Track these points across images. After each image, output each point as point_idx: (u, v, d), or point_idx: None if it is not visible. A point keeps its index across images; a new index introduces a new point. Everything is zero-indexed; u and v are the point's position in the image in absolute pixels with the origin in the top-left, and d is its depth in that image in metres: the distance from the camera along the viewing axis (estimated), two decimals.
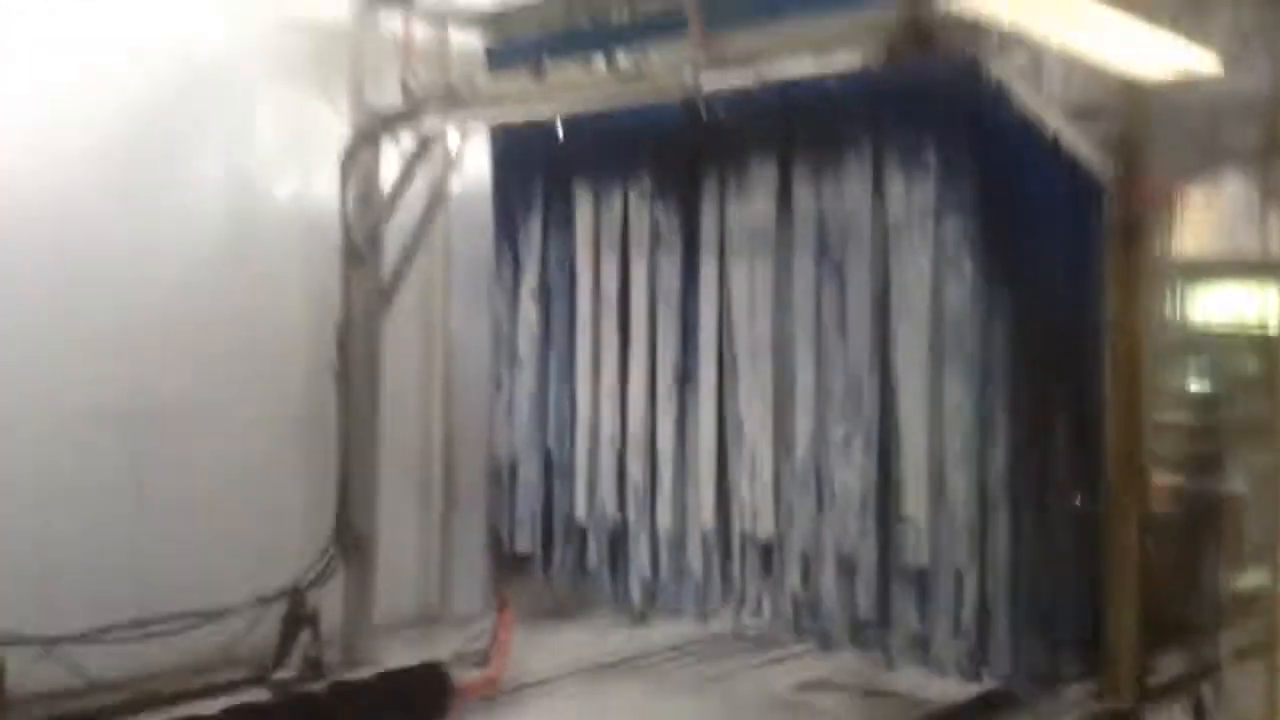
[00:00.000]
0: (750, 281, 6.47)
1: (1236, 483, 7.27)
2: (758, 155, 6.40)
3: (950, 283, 5.78)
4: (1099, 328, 5.53)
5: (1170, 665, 6.22)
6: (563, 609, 8.41)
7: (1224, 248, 8.21)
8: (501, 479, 7.85)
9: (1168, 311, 6.95)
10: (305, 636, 6.64)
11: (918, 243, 5.85)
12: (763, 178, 6.40)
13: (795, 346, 6.36)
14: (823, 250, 6.21)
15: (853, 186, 6.08)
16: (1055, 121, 5.05)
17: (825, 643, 6.56)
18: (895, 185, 5.96)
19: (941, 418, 5.86)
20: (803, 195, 6.27)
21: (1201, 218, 7.54)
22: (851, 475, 6.11)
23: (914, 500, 5.96)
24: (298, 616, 6.64)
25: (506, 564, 8.36)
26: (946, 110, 5.72)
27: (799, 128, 6.30)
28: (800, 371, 6.34)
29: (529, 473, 7.49)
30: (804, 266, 6.28)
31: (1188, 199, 5.95)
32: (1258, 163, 6.88)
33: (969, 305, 5.74)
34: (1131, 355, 4.98)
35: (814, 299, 6.26)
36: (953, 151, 5.73)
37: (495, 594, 7.92)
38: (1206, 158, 6.10)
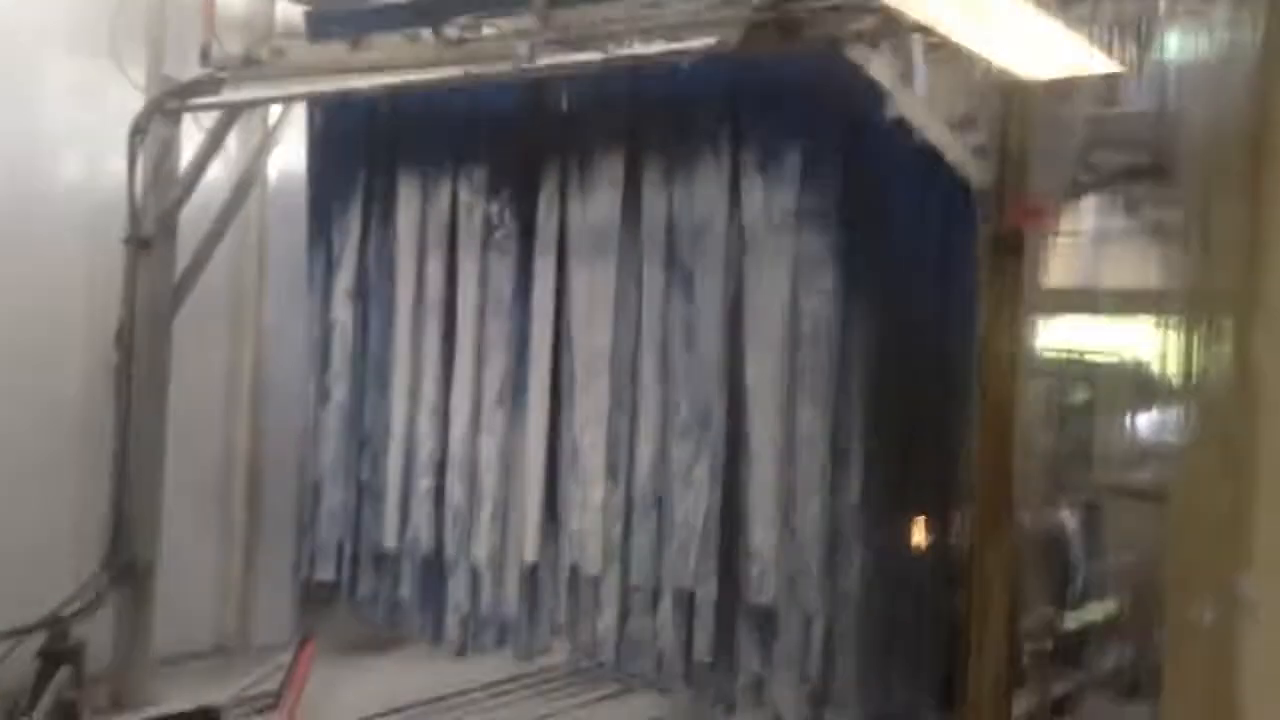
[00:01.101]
0: (590, 289, 5.86)
1: (1068, 515, 7.08)
2: (603, 149, 5.78)
3: (808, 297, 5.30)
4: (967, 350, 5.13)
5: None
6: (376, 642, 7.70)
7: (1079, 274, 8.05)
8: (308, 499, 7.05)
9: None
10: (64, 675, 5.77)
11: (775, 252, 5.33)
12: (608, 175, 5.79)
13: (639, 361, 5.77)
14: (672, 257, 5.64)
15: (707, 188, 5.52)
16: (930, 126, 4.59)
17: (659, 683, 6.00)
18: (753, 188, 5.43)
19: (794, 444, 5.38)
20: (651, 196, 5.69)
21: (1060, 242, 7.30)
22: (694, 504, 5.57)
23: (761, 533, 5.46)
24: (57, 652, 5.78)
25: (317, 593, 7.61)
26: (811, 108, 5.22)
27: (650, 121, 5.71)
28: (643, 390, 5.76)
29: (335, 494, 6.70)
30: (651, 274, 5.71)
31: (1061, 219, 5.59)
32: (1131, 188, 6.64)
33: (827, 322, 5.27)
34: (1002, 382, 4.55)
35: (660, 310, 5.69)
36: (817, 154, 5.24)
37: (300, 626, 7.19)
38: (1082, 177, 5.75)
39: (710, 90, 5.37)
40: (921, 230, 5.38)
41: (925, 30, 4.32)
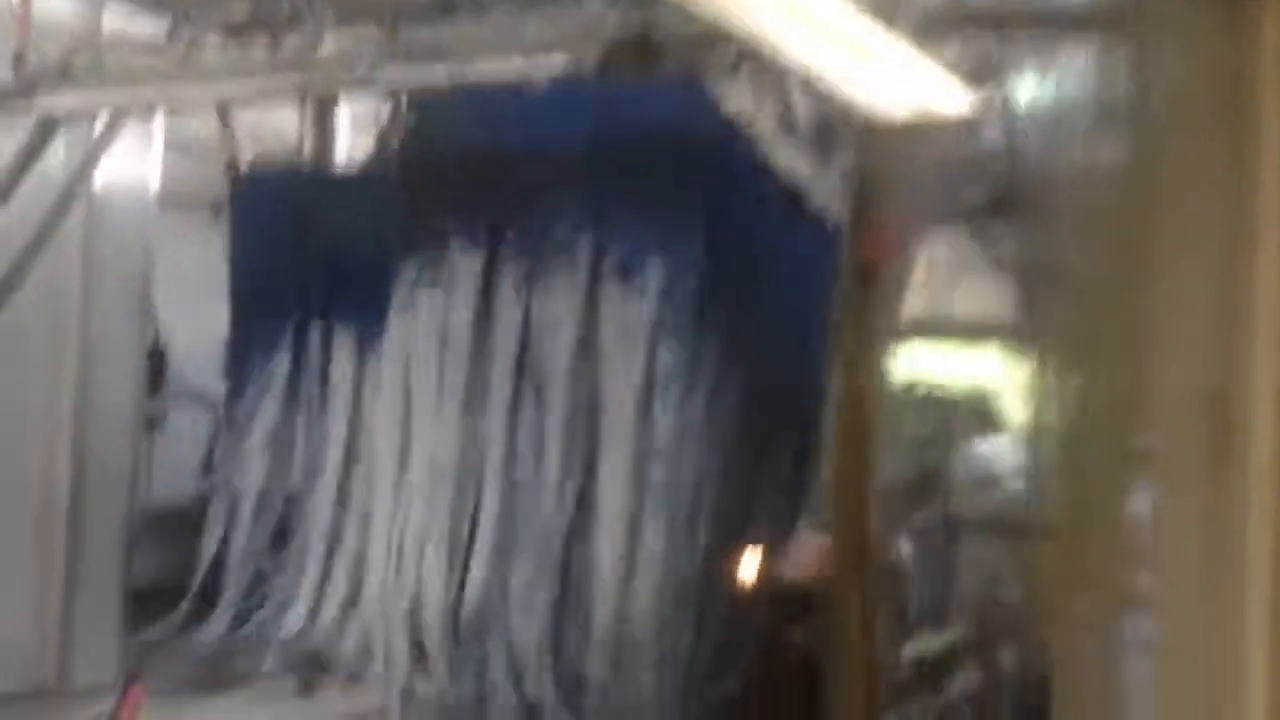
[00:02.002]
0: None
1: (902, 547, 7.06)
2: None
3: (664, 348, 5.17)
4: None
5: None
6: (209, 680, 7.27)
7: (933, 305, 8.11)
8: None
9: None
10: None
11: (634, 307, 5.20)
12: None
13: None
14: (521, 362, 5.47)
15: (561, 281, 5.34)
16: (788, 158, 4.49)
17: None
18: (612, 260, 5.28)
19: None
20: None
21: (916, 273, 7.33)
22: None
23: None
24: None
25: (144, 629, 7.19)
26: (670, 147, 5.08)
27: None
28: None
29: None
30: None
31: (917, 251, 5.57)
32: (984, 223, 6.68)
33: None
34: (857, 411, 4.47)
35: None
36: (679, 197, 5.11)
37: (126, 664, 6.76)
38: (935, 210, 5.75)
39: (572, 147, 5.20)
40: (785, 264, 5.28)
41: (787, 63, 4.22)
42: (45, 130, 5.75)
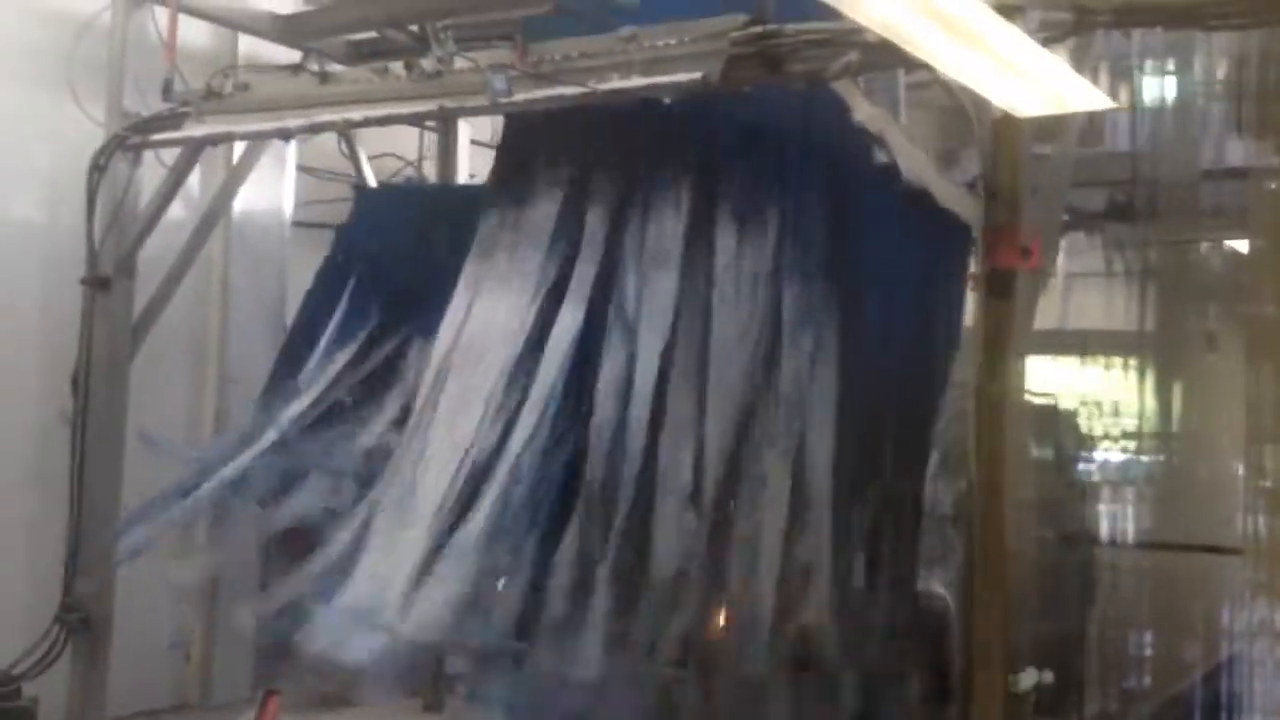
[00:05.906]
0: None
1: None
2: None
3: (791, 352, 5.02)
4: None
5: None
6: (338, 698, 7.41)
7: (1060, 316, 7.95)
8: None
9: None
10: None
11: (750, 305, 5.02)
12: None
13: None
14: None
15: (668, 243, 5.13)
16: (917, 164, 4.47)
17: None
18: (726, 237, 5.14)
19: None
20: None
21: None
22: None
23: None
24: (8, 711, 5.55)
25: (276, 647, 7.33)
26: (794, 149, 5.03)
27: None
28: None
29: None
30: None
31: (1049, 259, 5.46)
32: (1107, 227, 6.57)
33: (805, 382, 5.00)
34: (996, 427, 4.39)
35: None
36: (800, 199, 5.03)
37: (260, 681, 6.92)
38: (1062, 216, 5.65)
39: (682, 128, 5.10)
40: (910, 270, 5.15)
41: (911, 65, 4.21)
42: (191, 155, 6.00)
